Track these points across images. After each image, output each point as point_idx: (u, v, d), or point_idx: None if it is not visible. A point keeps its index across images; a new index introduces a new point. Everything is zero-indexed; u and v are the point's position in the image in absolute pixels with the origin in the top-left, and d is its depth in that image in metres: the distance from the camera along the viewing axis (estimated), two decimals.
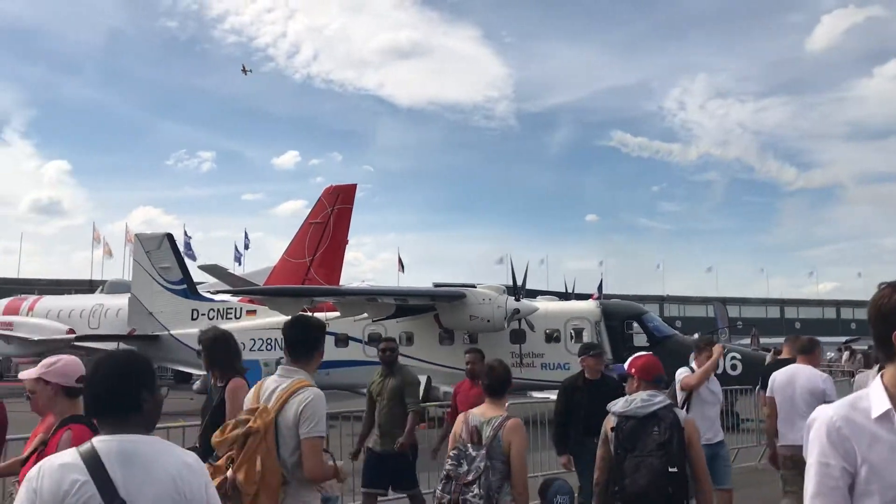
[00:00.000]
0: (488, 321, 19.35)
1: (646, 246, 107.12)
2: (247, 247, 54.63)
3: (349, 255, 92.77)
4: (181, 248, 35.09)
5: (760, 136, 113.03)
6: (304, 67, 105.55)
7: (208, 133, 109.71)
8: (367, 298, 20.50)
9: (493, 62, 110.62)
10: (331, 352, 22.25)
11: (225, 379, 5.56)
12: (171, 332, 26.15)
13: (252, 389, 4.54)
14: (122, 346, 31.78)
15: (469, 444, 4.97)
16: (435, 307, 20.13)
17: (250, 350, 23.18)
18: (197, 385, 26.90)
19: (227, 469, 4.02)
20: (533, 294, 26.55)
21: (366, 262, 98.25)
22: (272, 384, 4.37)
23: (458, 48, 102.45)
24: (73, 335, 32.81)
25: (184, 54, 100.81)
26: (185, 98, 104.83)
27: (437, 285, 45.03)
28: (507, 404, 5.42)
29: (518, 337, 20.23)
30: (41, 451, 3.85)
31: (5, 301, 39.17)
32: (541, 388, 20.53)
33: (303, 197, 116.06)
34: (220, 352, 5.75)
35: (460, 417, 5.26)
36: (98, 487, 2.40)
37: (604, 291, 39.28)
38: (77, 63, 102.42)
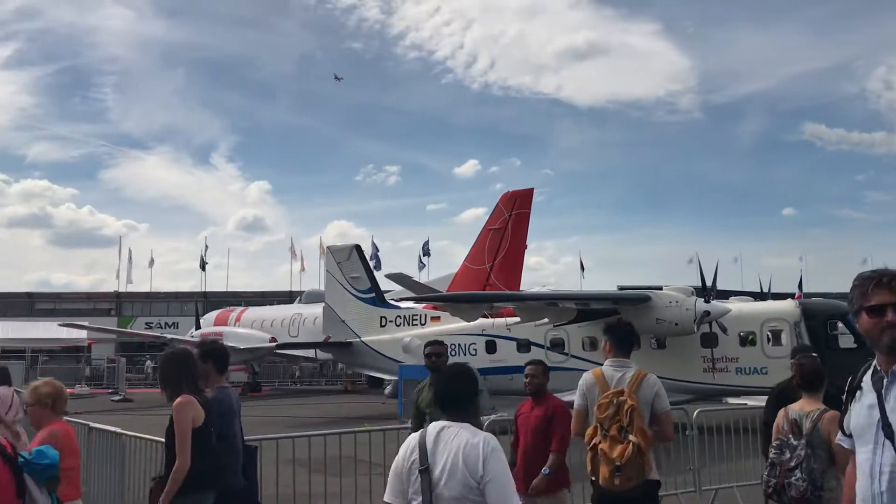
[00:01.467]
0: (676, 324, 18.50)
1: (851, 239, 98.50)
2: (427, 254, 55.89)
3: (531, 259, 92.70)
4: (369, 258, 36.59)
5: None
6: (482, 76, 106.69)
7: (393, 147, 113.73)
8: (548, 303, 20.24)
9: (674, 55, 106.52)
10: (513, 357, 22.24)
11: (174, 397, 5.68)
12: (363, 338, 27.20)
13: (595, 379, 5.80)
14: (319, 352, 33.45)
15: (790, 435, 5.53)
16: (618, 311, 19.52)
17: None
18: (388, 389, 27.82)
19: (624, 437, 5.40)
20: (724, 295, 25.14)
21: (548, 267, 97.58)
22: (614, 373, 5.75)
23: (637, 44, 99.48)
24: (275, 343, 35.08)
25: (369, 73, 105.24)
26: (372, 115, 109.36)
27: (621, 288, 43.99)
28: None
29: (709, 340, 19.19)
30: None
31: (216, 313, 42.62)
32: (736, 394, 19.37)
33: (483, 204, 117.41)
34: (170, 371, 5.87)
35: (781, 412, 5.79)
36: (419, 455, 3.66)
37: (805, 289, 36.58)
38: (272, 89, 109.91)
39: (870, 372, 3.05)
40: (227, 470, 5.93)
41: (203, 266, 60.12)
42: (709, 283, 19.99)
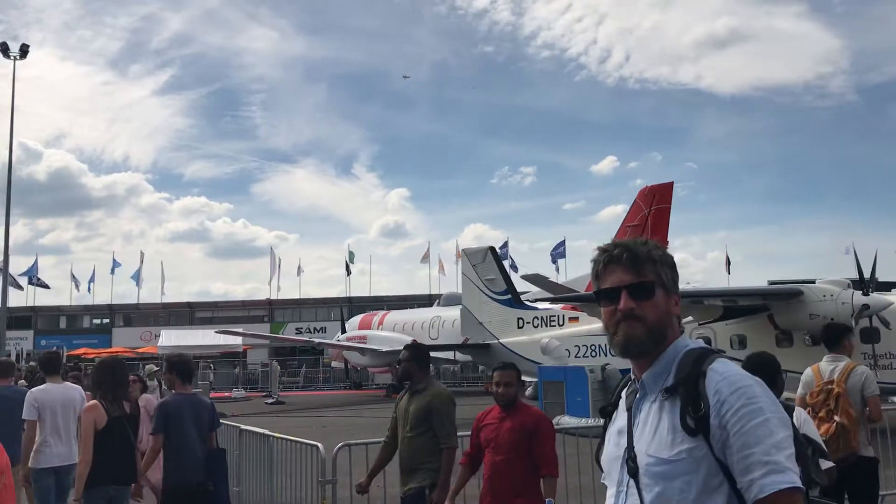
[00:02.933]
0: (832, 320, 17.36)
1: None
2: (561, 255, 55.23)
3: (676, 256, 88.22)
4: (505, 260, 36.59)
5: None
6: (617, 70, 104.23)
7: (528, 148, 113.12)
8: (691, 300, 19.48)
9: (824, 35, 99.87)
10: None
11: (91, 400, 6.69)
12: (500, 340, 27.24)
13: (812, 372, 6.96)
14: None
15: None
16: (768, 307, 18.55)
17: (575, 357, 23.29)
18: (529, 391, 27.66)
19: (830, 418, 6.51)
20: (886, 287, 23.38)
21: (694, 263, 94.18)
22: (828, 367, 6.87)
23: (781, 27, 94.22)
24: None
25: (502, 75, 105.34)
26: (506, 117, 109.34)
27: (772, 283, 41.83)
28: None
29: (870, 336, 17.87)
30: None
31: (360, 317, 43.92)
32: None
33: (623, 201, 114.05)
34: (94, 377, 6.83)
35: None
36: None
37: None
38: (408, 98, 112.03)
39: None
40: (183, 469, 6.62)
41: (349, 270, 62.35)
42: (867, 274, 18.66)
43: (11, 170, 33.83)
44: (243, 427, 9.76)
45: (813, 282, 18.82)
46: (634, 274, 2.17)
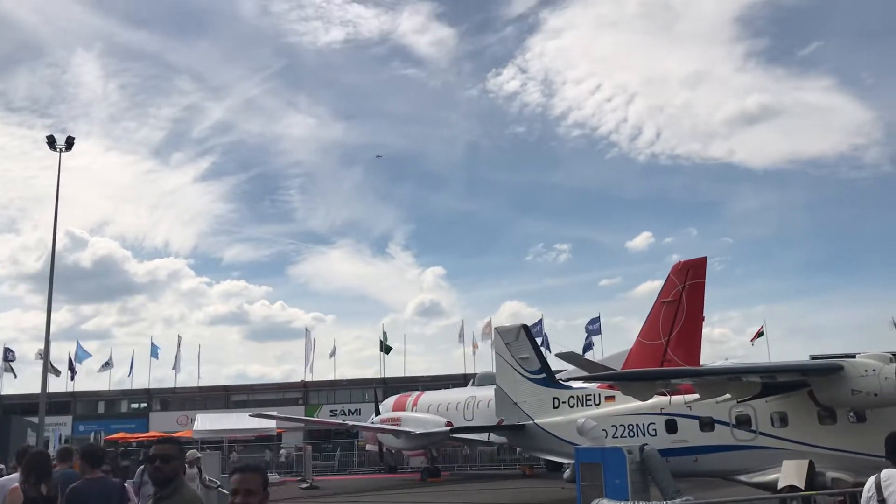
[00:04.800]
0: (875, 395, 16.83)
1: None
2: (597, 332, 54.67)
3: (716, 332, 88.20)
4: (538, 337, 36.27)
5: None
6: (648, 147, 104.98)
7: (562, 225, 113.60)
8: (729, 377, 19.09)
9: (855, 108, 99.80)
10: (696, 437, 21.06)
11: None
12: (536, 420, 26.75)
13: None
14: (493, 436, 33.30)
15: None
16: (808, 382, 18.10)
17: (612, 437, 22.75)
18: (567, 474, 26.98)
19: None
20: None
21: (734, 339, 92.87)
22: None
23: (812, 101, 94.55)
24: (450, 427, 35.25)
25: (533, 155, 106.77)
26: (539, 195, 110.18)
27: (814, 357, 40.88)
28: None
29: None
30: None
31: (394, 398, 43.60)
32: None
33: (660, 277, 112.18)
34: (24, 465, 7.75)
35: None
36: (875, 491, 5.38)
37: None
38: (442, 179, 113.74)
39: None
40: None
41: (387, 350, 61.94)
42: None
43: (54, 260, 34.75)
44: None
45: (854, 356, 18.37)
46: None
